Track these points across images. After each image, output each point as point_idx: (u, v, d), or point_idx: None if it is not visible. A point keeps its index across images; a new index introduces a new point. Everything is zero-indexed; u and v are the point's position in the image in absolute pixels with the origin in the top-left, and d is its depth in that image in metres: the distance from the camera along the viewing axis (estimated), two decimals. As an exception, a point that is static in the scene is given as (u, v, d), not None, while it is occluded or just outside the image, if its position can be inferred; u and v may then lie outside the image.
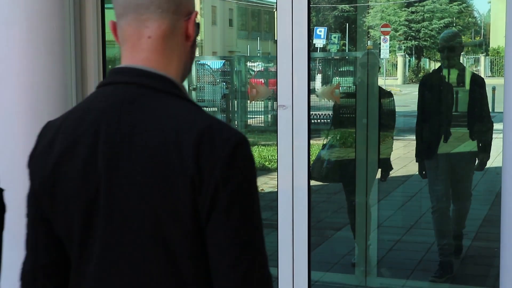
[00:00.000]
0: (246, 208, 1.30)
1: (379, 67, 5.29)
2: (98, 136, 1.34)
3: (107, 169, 1.32)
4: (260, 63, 14.84)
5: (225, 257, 1.29)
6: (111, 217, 1.33)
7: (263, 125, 10.83)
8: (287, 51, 3.31)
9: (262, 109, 10.52)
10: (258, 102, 9.97)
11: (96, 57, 3.45)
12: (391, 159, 5.43)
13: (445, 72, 5.23)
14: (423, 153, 5.21)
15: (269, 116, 10.41)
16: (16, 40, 3.03)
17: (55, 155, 1.37)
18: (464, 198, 5.24)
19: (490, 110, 5.51)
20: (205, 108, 1.89)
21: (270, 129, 10.11)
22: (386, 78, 26.63)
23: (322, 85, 9.06)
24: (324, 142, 5.56)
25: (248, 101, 9.61)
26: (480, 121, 5.13)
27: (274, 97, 3.51)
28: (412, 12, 31.29)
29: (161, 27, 1.38)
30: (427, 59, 30.59)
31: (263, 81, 9.95)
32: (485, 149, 5.11)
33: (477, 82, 5.25)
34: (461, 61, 5.76)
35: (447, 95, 5.25)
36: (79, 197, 1.35)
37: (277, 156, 3.39)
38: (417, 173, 5.29)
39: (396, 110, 5.61)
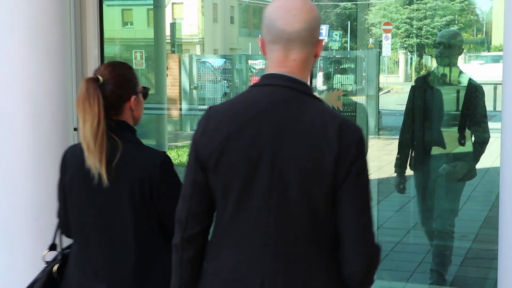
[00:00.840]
0: (366, 176, 1.88)
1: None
2: (262, 123, 1.86)
3: (271, 145, 1.84)
4: (261, 61, 14.79)
5: (354, 209, 1.84)
6: (271, 179, 1.84)
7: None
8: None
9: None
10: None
11: (97, 60, 3.47)
12: (391, 159, 5.37)
13: (440, 73, 4.76)
14: (407, 165, 4.71)
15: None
16: (17, 45, 3.04)
17: (224, 133, 1.87)
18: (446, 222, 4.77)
19: (492, 108, 5.23)
20: (206, 107, 2.13)
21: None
22: (387, 75, 26.62)
23: (322, 83, 9.06)
24: None
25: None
26: (474, 134, 4.57)
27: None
28: (414, 10, 31.27)
29: (303, 53, 1.92)
30: (429, 57, 30.56)
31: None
32: (471, 161, 4.56)
33: (474, 91, 4.59)
34: (460, 63, 5.37)
35: (437, 101, 4.72)
36: (244, 163, 1.85)
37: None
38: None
39: (397, 109, 5.52)
